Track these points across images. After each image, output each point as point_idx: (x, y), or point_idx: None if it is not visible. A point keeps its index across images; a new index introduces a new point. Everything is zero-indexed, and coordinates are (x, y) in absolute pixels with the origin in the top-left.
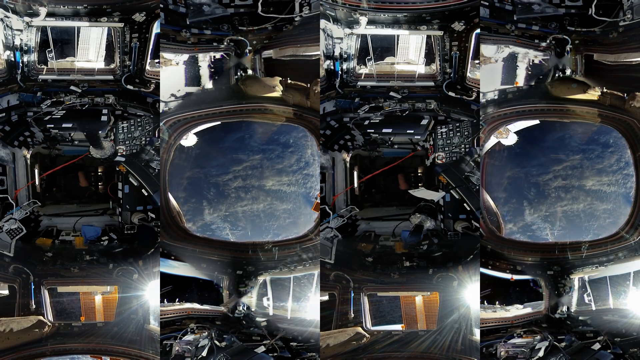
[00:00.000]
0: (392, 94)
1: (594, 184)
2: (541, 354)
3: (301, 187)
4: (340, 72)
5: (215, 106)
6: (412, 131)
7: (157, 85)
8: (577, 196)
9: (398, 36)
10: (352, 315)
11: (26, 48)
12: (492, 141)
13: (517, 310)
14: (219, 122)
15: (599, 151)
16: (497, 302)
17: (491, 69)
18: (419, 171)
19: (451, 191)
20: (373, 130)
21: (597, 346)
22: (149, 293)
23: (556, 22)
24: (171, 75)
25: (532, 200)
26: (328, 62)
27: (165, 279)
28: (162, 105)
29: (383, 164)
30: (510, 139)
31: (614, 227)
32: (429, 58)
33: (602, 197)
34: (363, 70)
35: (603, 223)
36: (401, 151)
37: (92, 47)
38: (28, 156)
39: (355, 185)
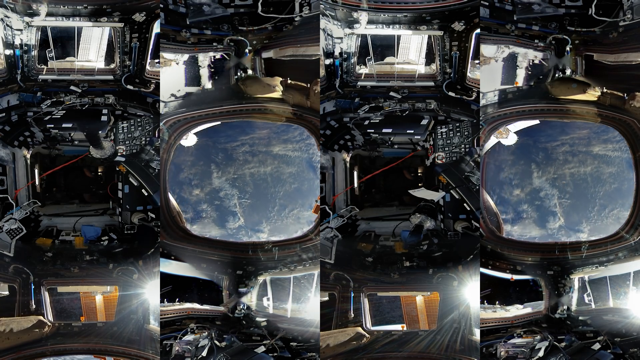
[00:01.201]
0: (392, 94)
1: (600, 150)
2: (541, 354)
3: (304, 152)
4: (340, 72)
5: (215, 106)
6: (412, 131)
7: (157, 85)
8: (584, 160)
9: (399, 36)
10: (352, 315)
11: (26, 48)
12: (492, 141)
13: (517, 310)
14: (219, 122)
15: (604, 127)
16: (497, 302)
17: (491, 69)
18: (419, 171)
19: (451, 191)
20: (373, 130)
21: (597, 346)
22: (149, 293)
23: (556, 22)
24: (171, 75)
25: (540, 163)
26: (328, 61)
27: (165, 279)
28: (162, 105)
29: (383, 164)
30: (510, 139)
31: (619, 194)
32: (429, 58)
33: (607, 161)
34: (363, 70)
35: (609, 189)
36: (401, 151)
37: (93, 47)
38: (28, 156)
39: (355, 185)
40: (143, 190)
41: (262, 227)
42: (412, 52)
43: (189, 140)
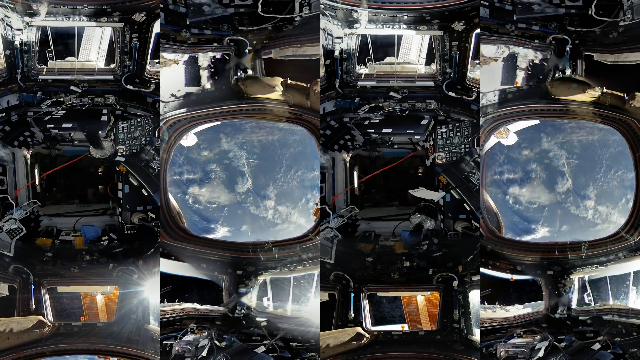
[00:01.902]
0: (392, 94)
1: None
2: (541, 354)
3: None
4: (340, 72)
5: (215, 106)
6: (412, 131)
7: (157, 85)
8: (592, 131)
9: (401, 36)
10: (352, 315)
11: (26, 48)
12: (492, 141)
13: (517, 310)
14: (219, 122)
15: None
16: (497, 302)
17: (491, 69)
18: (419, 171)
19: (451, 191)
20: (373, 130)
21: (597, 346)
22: (149, 293)
23: (556, 22)
24: (171, 75)
25: (549, 133)
26: (328, 60)
27: (165, 279)
28: (162, 105)
29: (383, 164)
30: (510, 139)
31: (623, 157)
32: (429, 58)
33: (613, 132)
34: (363, 70)
35: (614, 152)
36: (401, 151)
37: (94, 47)
38: (28, 156)
39: (355, 185)
40: (143, 190)
41: (269, 192)
42: (414, 52)
43: (189, 140)
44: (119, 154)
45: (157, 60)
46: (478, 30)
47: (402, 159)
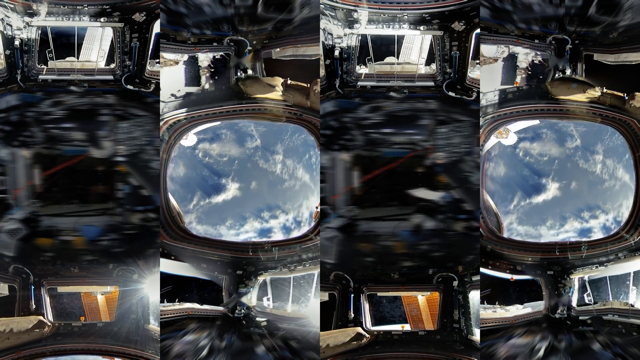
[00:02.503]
0: (392, 94)
1: None
2: (541, 354)
3: None
4: (340, 72)
5: (215, 106)
6: (412, 131)
7: (157, 85)
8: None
9: (403, 36)
10: (352, 315)
11: (26, 48)
12: (492, 141)
13: (517, 310)
14: (219, 122)
15: None
16: (497, 302)
17: (491, 69)
18: (419, 171)
19: (451, 191)
20: (373, 130)
21: (597, 346)
22: (149, 292)
23: (556, 22)
24: (171, 75)
25: None
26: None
27: (165, 279)
28: (162, 105)
29: (383, 164)
30: (510, 139)
31: None
32: (429, 58)
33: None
34: (363, 70)
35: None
36: (401, 151)
37: (95, 47)
38: (28, 156)
39: (356, 185)
40: (143, 191)
41: (277, 149)
42: (415, 52)
43: (189, 140)
44: (118, 154)
45: (157, 60)
46: (478, 30)
47: (402, 159)
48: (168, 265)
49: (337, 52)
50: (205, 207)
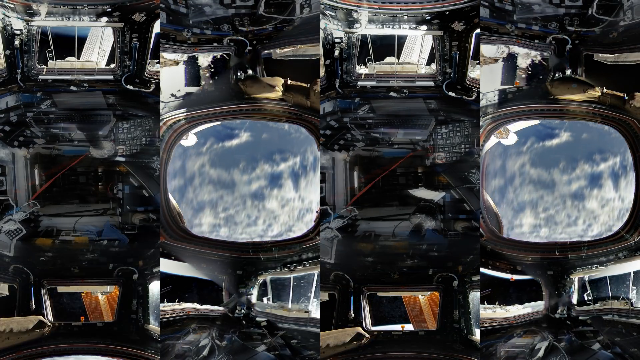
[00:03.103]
0: (392, 94)
1: None
2: (541, 354)
3: None
4: (340, 72)
5: (215, 106)
6: (412, 131)
7: (157, 85)
8: None
9: (405, 36)
10: (352, 315)
11: (26, 48)
12: (492, 141)
13: (517, 310)
14: (219, 122)
15: None
16: (497, 302)
17: (491, 69)
18: (419, 171)
19: (451, 191)
20: (373, 130)
21: (597, 346)
22: (149, 292)
23: (556, 22)
24: (171, 75)
25: None
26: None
27: (165, 279)
28: (162, 105)
29: (383, 164)
30: (510, 139)
31: None
32: (429, 58)
33: None
34: (363, 70)
35: None
36: (401, 151)
37: (97, 48)
38: (28, 156)
39: (356, 185)
40: (143, 191)
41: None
42: (416, 52)
43: (189, 140)
44: (119, 154)
45: (157, 60)
46: (478, 30)
47: (402, 159)
48: (168, 265)
49: (337, 52)
50: (218, 150)
